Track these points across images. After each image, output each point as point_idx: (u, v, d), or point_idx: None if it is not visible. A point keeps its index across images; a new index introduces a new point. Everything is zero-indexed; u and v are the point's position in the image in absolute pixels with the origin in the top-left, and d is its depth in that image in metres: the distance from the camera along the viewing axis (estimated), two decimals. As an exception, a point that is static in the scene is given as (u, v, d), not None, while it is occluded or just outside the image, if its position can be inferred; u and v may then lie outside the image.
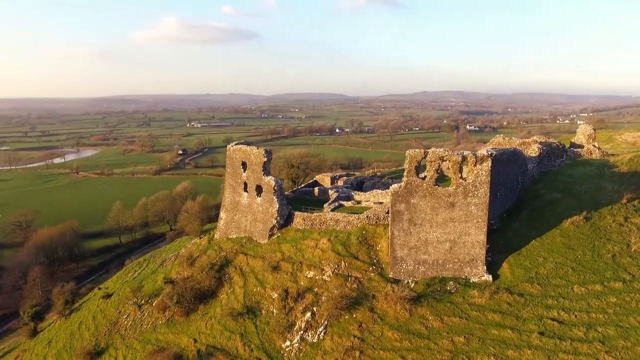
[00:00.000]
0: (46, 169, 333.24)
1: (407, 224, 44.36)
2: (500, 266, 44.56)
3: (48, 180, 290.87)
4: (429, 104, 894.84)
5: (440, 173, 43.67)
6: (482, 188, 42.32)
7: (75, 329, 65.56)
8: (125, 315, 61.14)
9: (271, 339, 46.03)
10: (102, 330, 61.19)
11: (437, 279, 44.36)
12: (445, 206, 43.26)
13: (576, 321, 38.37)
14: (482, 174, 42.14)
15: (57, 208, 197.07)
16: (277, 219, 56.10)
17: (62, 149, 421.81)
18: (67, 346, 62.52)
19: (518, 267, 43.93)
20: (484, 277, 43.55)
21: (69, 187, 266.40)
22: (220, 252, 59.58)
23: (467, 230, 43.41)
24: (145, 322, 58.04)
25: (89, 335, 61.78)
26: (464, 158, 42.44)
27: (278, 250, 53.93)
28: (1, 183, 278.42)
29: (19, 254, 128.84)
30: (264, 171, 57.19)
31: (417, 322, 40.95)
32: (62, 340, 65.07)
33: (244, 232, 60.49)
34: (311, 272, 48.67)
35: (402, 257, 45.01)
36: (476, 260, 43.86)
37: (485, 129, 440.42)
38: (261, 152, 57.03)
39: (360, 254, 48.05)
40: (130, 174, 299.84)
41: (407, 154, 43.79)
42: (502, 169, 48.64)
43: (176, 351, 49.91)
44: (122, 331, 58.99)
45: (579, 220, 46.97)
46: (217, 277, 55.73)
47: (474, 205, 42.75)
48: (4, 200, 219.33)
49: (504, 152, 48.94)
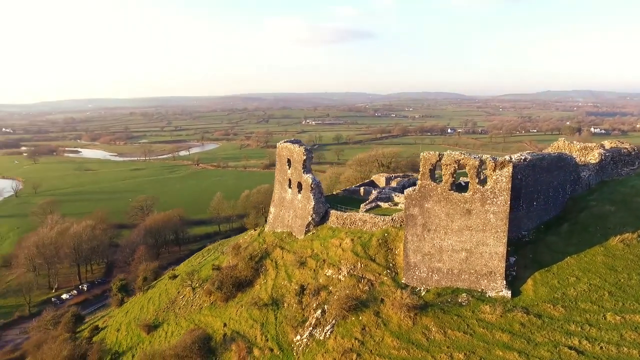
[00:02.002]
0: (173, 160, 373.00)
1: (421, 229, 42.50)
2: (524, 282, 40.52)
3: (173, 170, 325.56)
4: (552, 104, 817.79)
5: (455, 177, 41.07)
6: (502, 196, 38.82)
7: (145, 303, 73.89)
8: (182, 296, 67.37)
9: (285, 331, 47.56)
10: (162, 306, 68.24)
11: (450, 289, 41.86)
12: (461, 213, 40.57)
13: (600, 354, 33.60)
14: (502, 180, 38.65)
15: (173, 195, 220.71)
16: (313, 216, 57.27)
17: (188, 143, 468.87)
18: (137, 317, 70.82)
19: (543, 285, 39.55)
20: (502, 292, 40.00)
21: (188, 177, 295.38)
22: (263, 245, 62.60)
23: (484, 240, 40.21)
24: (195, 303, 63.38)
25: (153, 310, 69.29)
26: (482, 162, 39.41)
27: (309, 247, 55.13)
28: (136, 171, 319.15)
29: (132, 234, 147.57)
30: (304, 169, 58.72)
31: (419, 332, 39.22)
32: (134, 312, 73.81)
33: (286, 226, 62.72)
34: (330, 271, 49.07)
35: (416, 263, 43.24)
36: (494, 273, 40.42)
37: (613, 132, 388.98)
38: (302, 150, 58.65)
39: (377, 256, 47.14)
40: (243, 167, 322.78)
41: (421, 156, 41.96)
42: (542, 176, 43.93)
43: (207, 332, 54.03)
44: (176, 310, 65.18)
45: (632, 238, 40.64)
46: (255, 268, 58.77)
47: (493, 214, 39.43)
48: (135, 186, 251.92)
49: (544, 158, 44.04)
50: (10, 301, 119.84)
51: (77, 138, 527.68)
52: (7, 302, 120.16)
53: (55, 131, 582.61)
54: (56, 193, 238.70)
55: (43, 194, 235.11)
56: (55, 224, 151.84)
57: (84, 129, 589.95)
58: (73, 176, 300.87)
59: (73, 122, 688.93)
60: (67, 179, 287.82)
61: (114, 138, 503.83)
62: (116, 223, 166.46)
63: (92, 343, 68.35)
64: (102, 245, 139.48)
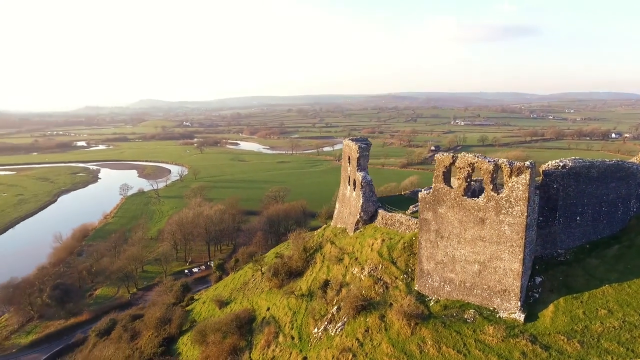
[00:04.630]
0: (317, 155, 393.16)
1: (434, 235, 39.69)
2: (545, 307, 35.08)
3: (315, 164, 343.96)
4: None
5: (469, 182, 37.36)
6: (519, 205, 34.22)
7: (229, 282, 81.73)
8: (253, 279, 73.00)
9: (308, 322, 48.91)
10: (237, 287, 74.91)
11: (459, 302, 38.32)
12: (475, 221, 36.84)
13: (610, 405, 28.10)
14: (519, 188, 34.06)
15: (306, 188, 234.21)
16: (361, 214, 57.03)
17: (334, 139, 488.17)
18: (219, 293, 78.80)
19: (565, 314, 33.78)
20: (515, 314, 35.30)
21: (327, 172, 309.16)
22: (319, 239, 64.43)
23: (498, 254, 35.91)
24: (259, 287, 68.30)
25: (230, 289, 76.56)
26: (497, 167, 35.27)
27: (352, 244, 55.23)
28: (281, 164, 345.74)
29: (254, 221, 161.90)
30: (358, 167, 58.74)
31: (414, 343, 37.02)
32: (219, 289, 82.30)
33: (344, 223, 63.42)
34: (356, 269, 48.73)
35: (429, 271, 40.54)
36: (508, 292, 35.83)
37: None
38: (356, 148, 58.72)
39: (399, 260, 45.23)
40: (381, 165, 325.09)
41: (435, 157, 39.12)
42: (590, 187, 37.16)
43: (254, 314, 58.13)
44: (245, 291, 71.03)
45: (699, 272, 32.11)
46: (306, 260, 61.03)
47: (508, 225, 35.01)
48: (277, 177, 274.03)
49: (592, 166, 37.01)
50: (155, 268, 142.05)
51: (239, 132, 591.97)
52: (152, 268, 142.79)
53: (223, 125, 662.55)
54: (210, 179, 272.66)
55: (200, 179, 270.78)
56: (196, 206, 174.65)
57: (246, 124, 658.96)
58: (228, 165, 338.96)
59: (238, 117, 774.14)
60: (222, 168, 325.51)
61: (269, 132, 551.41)
62: (247, 209, 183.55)
63: (182, 310, 78.28)
64: (228, 228, 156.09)
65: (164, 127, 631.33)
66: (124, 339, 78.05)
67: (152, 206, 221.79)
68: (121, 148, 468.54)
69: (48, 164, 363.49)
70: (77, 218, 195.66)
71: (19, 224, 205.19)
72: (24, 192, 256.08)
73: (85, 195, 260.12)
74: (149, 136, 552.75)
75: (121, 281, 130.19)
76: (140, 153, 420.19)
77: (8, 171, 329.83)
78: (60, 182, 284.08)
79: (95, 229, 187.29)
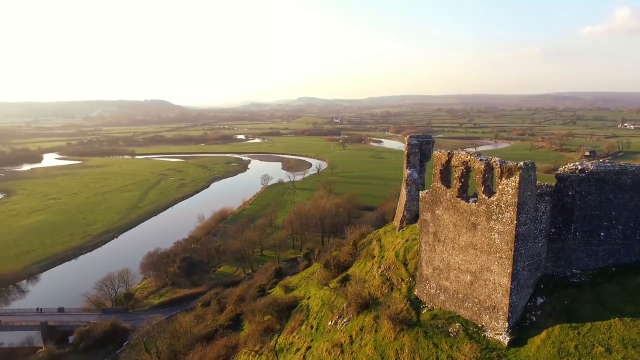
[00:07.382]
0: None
1: (432, 238, 36.41)
2: (537, 333, 29.78)
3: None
4: None
5: (464, 182, 33.36)
6: (508, 212, 29.65)
7: (310, 271, 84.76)
8: (319, 269, 74.76)
9: (327, 315, 49.03)
10: (306, 275, 77.53)
11: (449, 314, 34.59)
12: (467, 226, 32.91)
13: None
14: (508, 191, 29.54)
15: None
16: (404, 213, 54.54)
17: (480, 140, 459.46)
18: (294, 279, 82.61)
19: (553, 345, 28.28)
20: (500, 336, 30.71)
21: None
22: (372, 235, 63.16)
23: (488, 264, 31.56)
24: (320, 277, 69.78)
25: (302, 277, 79.49)
26: (488, 166, 31.04)
27: (389, 242, 53.30)
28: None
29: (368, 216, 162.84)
30: (407, 164, 56.18)
31: (393, 349, 34.85)
32: (299, 276, 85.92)
33: (398, 221, 61.14)
34: (375, 267, 47.13)
35: (427, 276, 37.33)
36: (497, 310, 31.26)
37: None
38: (406, 144, 56.20)
39: (411, 262, 42.34)
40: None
41: (433, 154, 35.76)
42: (619, 197, 30.11)
43: (299, 300, 60.14)
44: (309, 280, 73.24)
45: None
46: (353, 255, 60.64)
47: (497, 233, 30.58)
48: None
49: (625, 171, 29.67)
50: (272, 253, 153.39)
51: (384, 130, 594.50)
52: (270, 253, 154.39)
53: (370, 123, 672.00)
54: (344, 174, 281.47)
55: (335, 174, 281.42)
56: (317, 199, 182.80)
57: (393, 122, 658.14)
58: (365, 162, 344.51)
59: (388, 115, 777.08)
60: (359, 164, 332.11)
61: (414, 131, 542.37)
62: (364, 205, 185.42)
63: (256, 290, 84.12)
64: (341, 222, 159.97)
65: (315, 123, 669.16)
66: (213, 311, 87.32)
67: (286, 196, 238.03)
68: (273, 142, 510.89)
69: (210, 153, 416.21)
70: (221, 202, 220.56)
71: (177, 204, 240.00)
72: (186, 177, 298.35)
73: (233, 182, 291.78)
74: (299, 131, 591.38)
75: (239, 262, 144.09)
76: (289, 147, 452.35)
77: (179, 159, 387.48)
78: (215, 170, 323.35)
79: (233, 213, 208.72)
